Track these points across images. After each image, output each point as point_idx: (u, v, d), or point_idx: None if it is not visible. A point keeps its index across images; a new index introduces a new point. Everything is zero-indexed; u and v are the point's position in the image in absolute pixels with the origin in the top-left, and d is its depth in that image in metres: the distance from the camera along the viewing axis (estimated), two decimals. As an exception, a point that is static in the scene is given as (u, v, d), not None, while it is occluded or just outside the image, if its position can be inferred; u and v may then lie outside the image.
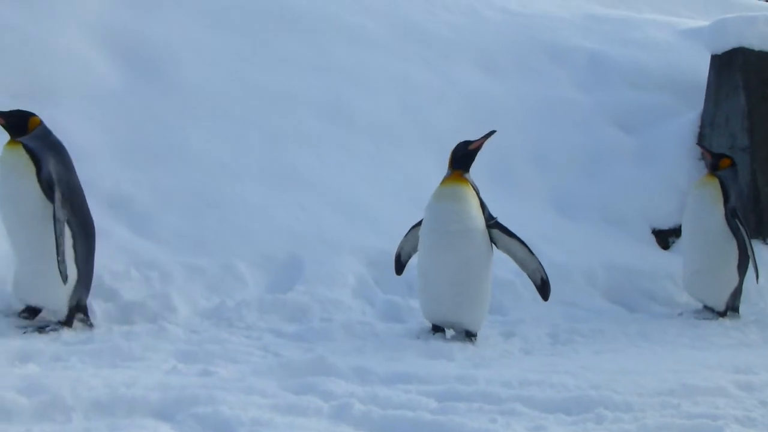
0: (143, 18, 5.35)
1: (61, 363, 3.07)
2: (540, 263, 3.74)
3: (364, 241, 4.55)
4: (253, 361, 3.26)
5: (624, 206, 5.46)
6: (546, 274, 3.74)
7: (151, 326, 3.61)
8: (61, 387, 2.65)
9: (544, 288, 3.76)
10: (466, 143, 3.78)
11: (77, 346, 3.28)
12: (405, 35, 6.16)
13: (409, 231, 3.92)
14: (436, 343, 3.63)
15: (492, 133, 3.78)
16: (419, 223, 3.83)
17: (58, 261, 3.35)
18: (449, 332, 3.82)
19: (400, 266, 4.04)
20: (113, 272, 3.91)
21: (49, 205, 3.38)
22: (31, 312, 3.55)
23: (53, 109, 4.60)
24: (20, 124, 3.52)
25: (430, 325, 3.82)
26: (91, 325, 3.60)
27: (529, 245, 3.74)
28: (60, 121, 4.62)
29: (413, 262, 3.95)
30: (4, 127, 3.53)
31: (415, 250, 3.88)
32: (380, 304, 4.17)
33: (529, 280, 3.84)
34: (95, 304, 3.69)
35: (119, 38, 5.17)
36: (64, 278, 3.38)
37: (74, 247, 3.49)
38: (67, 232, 3.45)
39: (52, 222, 3.35)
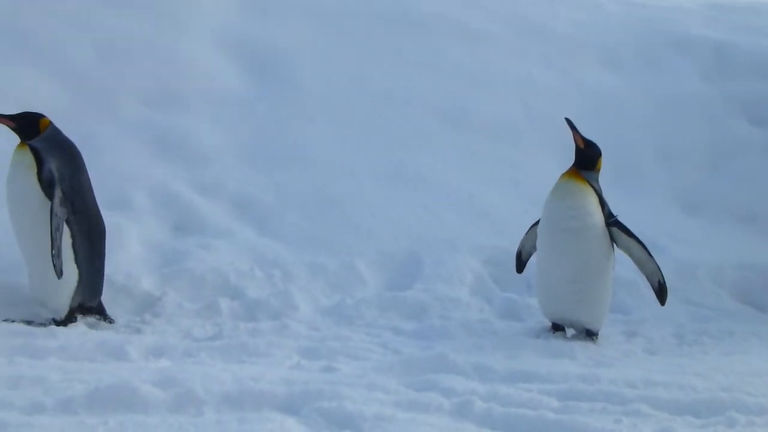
0: (265, 24, 5.52)
1: (192, 358, 3.20)
2: (658, 266, 3.62)
3: (482, 239, 4.54)
4: (374, 358, 3.31)
5: (753, 202, 5.23)
6: (663, 277, 3.62)
7: (275, 323, 3.70)
8: (193, 381, 2.76)
9: (661, 292, 3.65)
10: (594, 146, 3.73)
11: (206, 342, 3.41)
12: (524, 33, 6.12)
13: (530, 229, 3.89)
14: (557, 341, 3.59)
15: (569, 122, 3.68)
16: (539, 221, 3.79)
17: (52, 255, 3.33)
18: (569, 331, 3.77)
19: (520, 264, 4.01)
20: (239, 271, 4.04)
21: (49, 204, 3.38)
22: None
23: (181, 114, 4.82)
24: (31, 126, 3.52)
25: (550, 324, 3.78)
26: (111, 322, 3.61)
27: (648, 247, 3.64)
28: (187, 125, 4.86)
29: (534, 260, 3.92)
30: (15, 130, 3.53)
31: (535, 248, 3.85)
32: (498, 302, 4.15)
33: (651, 280, 3.74)
34: (222, 302, 3.82)
35: (242, 45, 5.36)
36: (58, 273, 3.35)
37: (74, 246, 3.47)
38: (67, 231, 3.43)
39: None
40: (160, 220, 4.31)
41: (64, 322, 3.51)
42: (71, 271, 3.46)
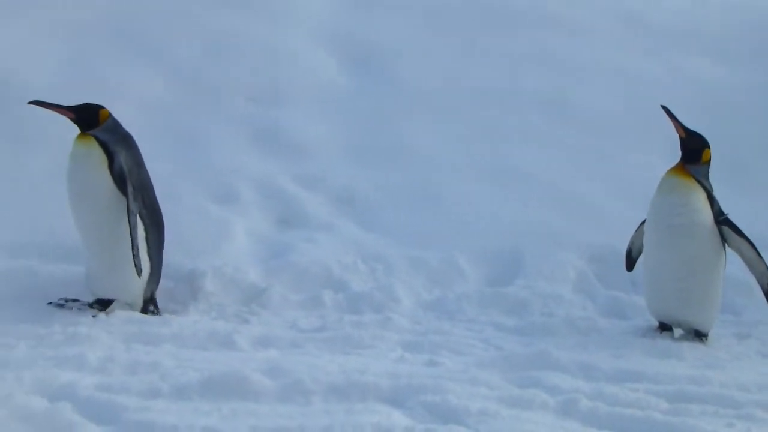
0: (366, 19, 5.58)
1: (298, 349, 3.27)
2: None
3: (585, 235, 4.47)
4: (476, 353, 3.32)
5: None
6: None
7: (378, 316, 3.74)
8: (300, 371, 2.83)
9: None
10: (696, 135, 3.63)
11: (311, 333, 3.47)
12: (625, 25, 5.99)
13: (639, 226, 3.81)
14: (664, 341, 3.51)
15: (666, 110, 3.59)
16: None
17: (133, 255, 3.32)
18: (677, 331, 3.68)
19: (630, 262, 3.93)
20: (342, 264, 4.10)
21: (122, 198, 3.35)
22: (102, 304, 3.51)
23: (285, 109, 4.93)
24: (90, 117, 3.47)
25: (657, 323, 3.70)
26: (158, 314, 3.60)
27: (758, 247, 3.52)
28: (291, 120, 4.97)
29: (642, 259, 3.84)
30: (74, 121, 3.49)
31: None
32: (602, 299, 4.08)
33: (764, 281, 3.62)
34: (326, 295, 3.88)
35: (344, 40, 5.43)
36: (139, 272, 3.36)
37: (147, 239, 3.48)
38: (140, 225, 3.42)
39: (126, 215, 3.32)
40: (266, 214, 4.41)
41: (147, 309, 3.57)
42: (145, 263, 3.47)
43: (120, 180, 3.38)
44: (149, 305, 3.60)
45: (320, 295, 3.87)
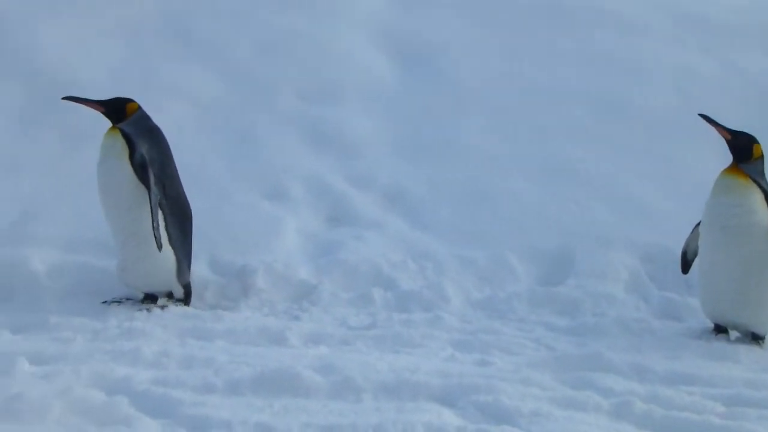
0: (417, 17, 5.58)
1: (348, 346, 3.27)
2: None
3: (638, 235, 4.40)
4: (527, 353, 3.29)
5: None
6: None
7: (427, 315, 3.73)
8: (351, 369, 2.84)
9: None
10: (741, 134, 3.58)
11: (361, 331, 3.48)
12: (681, 21, 5.89)
13: (694, 228, 3.75)
14: (719, 344, 3.44)
15: (705, 118, 3.58)
16: (702, 219, 3.66)
17: (153, 227, 3.39)
18: (733, 333, 3.61)
19: (686, 264, 3.87)
20: (391, 262, 4.11)
21: (144, 189, 3.43)
22: (152, 298, 3.62)
23: (337, 107, 4.95)
24: (118, 110, 3.58)
25: (712, 325, 3.63)
26: (186, 304, 3.64)
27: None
28: (342, 118, 4.98)
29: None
30: (105, 114, 3.60)
31: (700, 247, 3.71)
32: (656, 300, 4.02)
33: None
34: (375, 293, 3.88)
35: (395, 37, 5.44)
36: (159, 245, 3.42)
37: (167, 229, 3.53)
38: (160, 214, 3.48)
39: (148, 200, 3.40)
40: (315, 211, 4.43)
41: (186, 301, 3.63)
42: (168, 254, 3.52)
43: (140, 169, 3.44)
44: (191, 293, 3.66)
45: (370, 293, 3.87)
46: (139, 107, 3.63)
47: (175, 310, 3.53)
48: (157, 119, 3.68)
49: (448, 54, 5.48)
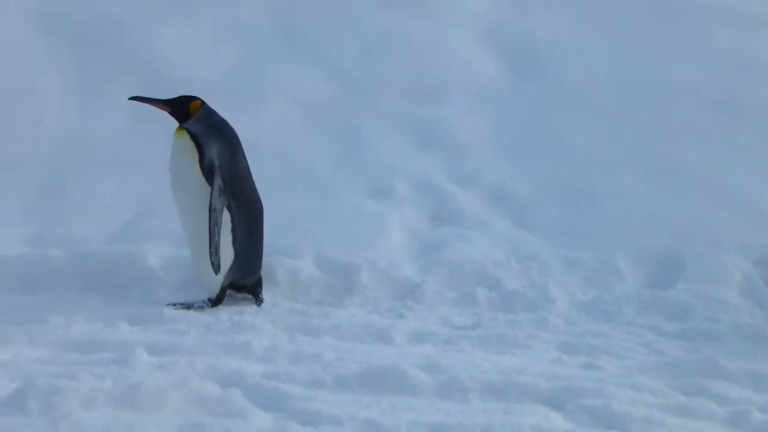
0: (524, 15, 5.54)
1: (453, 346, 3.27)
2: None
3: (753, 238, 4.24)
4: (637, 357, 3.22)
5: None
6: None
7: (532, 316, 3.69)
8: (457, 368, 2.85)
9: None
10: None
11: (466, 330, 3.47)
12: (801, 15, 5.65)
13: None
14: (840, 353, 3.30)
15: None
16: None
17: (210, 252, 3.38)
18: None
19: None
20: (496, 262, 4.08)
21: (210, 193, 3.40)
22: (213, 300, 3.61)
23: (442, 106, 4.96)
24: (182, 109, 3.55)
25: (833, 334, 3.48)
26: (259, 304, 3.63)
27: None
28: (447, 117, 4.99)
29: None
30: (171, 114, 3.59)
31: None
32: (772, 306, 3.88)
33: None
34: (479, 292, 3.87)
35: (502, 37, 5.41)
36: (216, 269, 3.41)
37: (233, 231, 3.51)
38: (227, 217, 3.47)
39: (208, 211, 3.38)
40: (420, 210, 4.45)
41: (216, 301, 3.60)
42: (228, 254, 3.52)
43: (209, 173, 3.43)
44: (226, 293, 3.63)
45: (474, 293, 3.86)
46: (203, 104, 3.60)
47: (284, 305, 3.61)
48: (266, 119, 3.78)
49: (556, 52, 5.42)
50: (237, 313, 3.46)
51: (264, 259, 3.88)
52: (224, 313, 3.44)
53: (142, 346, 2.95)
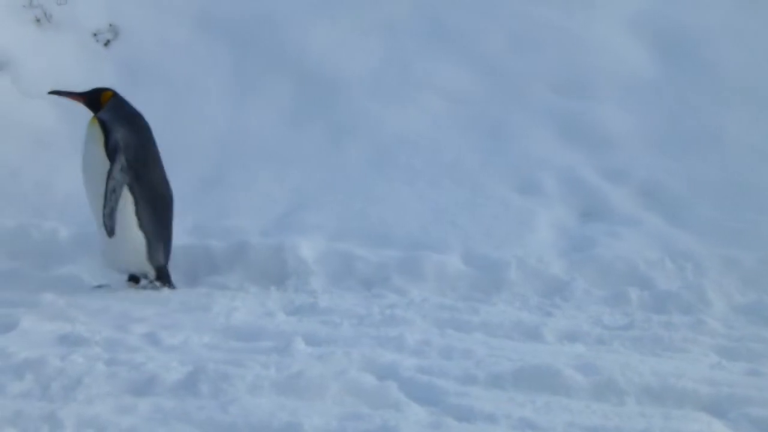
0: (678, 4, 5.34)
1: (605, 346, 3.21)
2: None
3: None
4: (804, 365, 3.07)
5: None
6: None
7: (688, 318, 3.57)
8: (612, 370, 2.79)
9: None
10: None
11: (618, 331, 3.40)
12: None
13: None
14: None
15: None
16: None
17: (104, 214, 3.47)
18: None
19: None
20: (648, 261, 3.98)
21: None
22: (134, 279, 3.78)
23: (591, 99, 4.87)
24: (95, 100, 3.71)
25: None
26: (172, 288, 3.75)
27: None
28: (596, 111, 4.89)
29: None
30: (85, 105, 3.74)
31: None
32: None
33: None
34: (631, 292, 3.76)
35: (654, 27, 5.25)
36: (109, 232, 3.49)
37: (137, 213, 3.61)
38: (130, 200, 3.57)
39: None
40: (568, 206, 4.40)
41: (160, 279, 3.74)
42: (137, 236, 3.63)
43: (113, 153, 3.55)
44: (164, 277, 3.77)
45: (625, 292, 3.78)
46: (114, 95, 3.75)
47: (434, 300, 3.65)
48: (413, 114, 3.81)
49: (710, 39, 5.20)
50: (388, 307, 3.52)
51: (411, 253, 3.94)
52: (376, 307, 3.51)
53: (300, 336, 3.06)
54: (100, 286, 3.76)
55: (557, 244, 4.14)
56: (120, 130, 3.60)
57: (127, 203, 3.60)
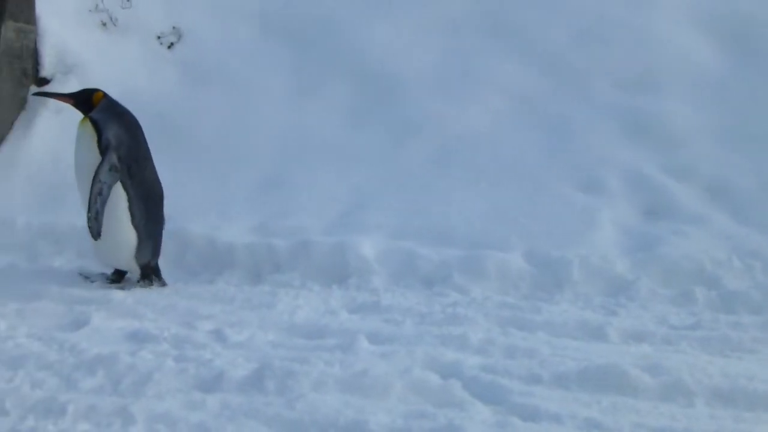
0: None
1: (672, 346, 3.16)
2: None
3: None
4: None
5: None
6: None
7: (757, 318, 3.49)
8: (680, 370, 2.76)
9: None
10: None
11: (685, 331, 3.34)
12: None
13: None
14: None
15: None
16: None
17: (89, 217, 3.48)
18: None
19: None
20: (715, 260, 3.89)
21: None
22: (120, 274, 3.81)
23: (654, 96, 4.79)
24: (86, 100, 3.72)
25: None
26: (163, 284, 3.76)
27: None
28: (660, 107, 4.81)
29: None
30: (74, 106, 3.76)
31: None
32: None
33: None
34: (697, 291, 3.70)
35: (721, 20, 5.14)
36: (94, 235, 3.51)
37: (130, 210, 3.63)
38: (123, 197, 3.59)
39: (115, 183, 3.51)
40: (632, 204, 4.33)
41: (143, 277, 3.76)
42: (129, 233, 3.66)
43: (105, 151, 3.57)
44: (149, 276, 3.79)
45: (692, 291, 3.71)
46: (105, 95, 3.77)
47: (495, 299, 3.63)
48: (475, 111, 3.80)
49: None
50: (450, 306, 3.52)
51: (472, 252, 3.92)
52: (437, 305, 3.51)
53: (363, 334, 3.08)
54: (88, 278, 3.82)
55: (621, 243, 4.08)
56: (113, 128, 3.65)
57: (120, 200, 3.64)
